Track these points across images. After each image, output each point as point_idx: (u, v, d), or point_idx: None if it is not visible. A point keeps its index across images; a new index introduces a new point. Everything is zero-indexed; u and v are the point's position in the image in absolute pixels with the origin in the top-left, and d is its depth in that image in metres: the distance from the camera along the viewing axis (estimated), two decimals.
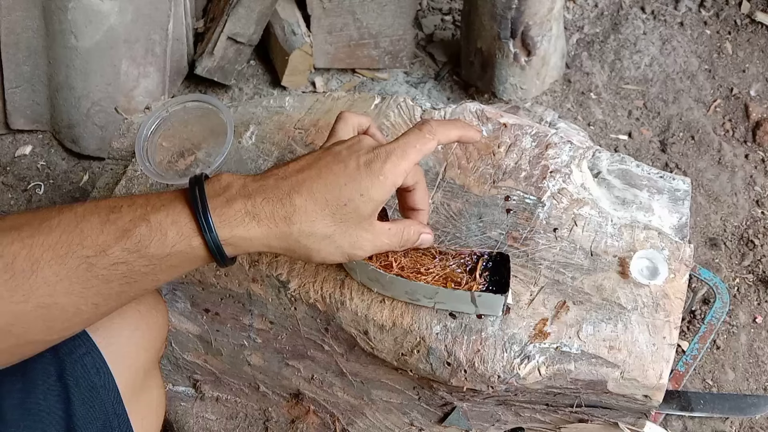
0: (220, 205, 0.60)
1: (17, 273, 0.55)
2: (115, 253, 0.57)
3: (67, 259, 0.56)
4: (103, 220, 0.58)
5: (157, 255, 0.59)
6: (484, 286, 0.75)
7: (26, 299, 0.55)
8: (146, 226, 0.58)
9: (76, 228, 0.57)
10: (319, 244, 0.63)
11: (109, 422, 0.75)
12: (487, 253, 0.77)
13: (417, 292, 0.78)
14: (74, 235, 0.57)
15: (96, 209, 0.59)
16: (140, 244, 0.58)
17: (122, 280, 0.59)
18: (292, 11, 1.58)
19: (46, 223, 0.57)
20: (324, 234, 0.63)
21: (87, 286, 0.57)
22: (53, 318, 0.58)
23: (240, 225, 0.60)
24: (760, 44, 1.62)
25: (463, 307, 0.79)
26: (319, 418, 1.04)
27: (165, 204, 0.60)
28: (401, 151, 0.64)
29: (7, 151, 1.55)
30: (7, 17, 1.39)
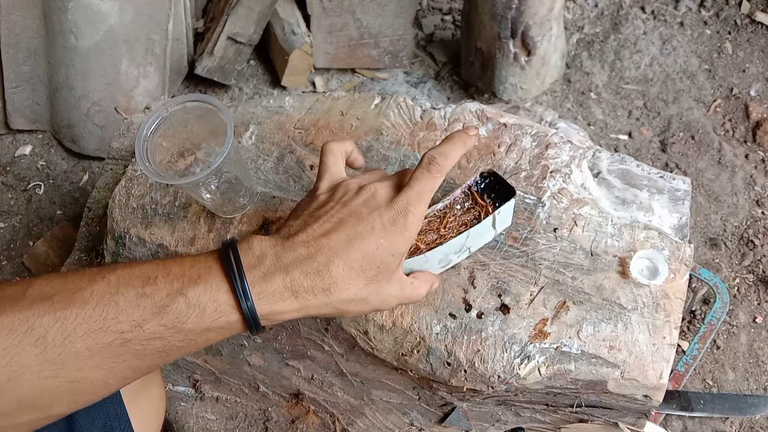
0: (258, 280, 0.59)
1: (49, 347, 0.53)
2: (151, 328, 0.55)
3: (101, 334, 0.54)
4: (139, 293, 0.56)
5: (194, 330, 0.58)
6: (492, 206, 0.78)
7: (56, 374, 0.53)
8: (184, 301, 0.56)
9: (111, 301, 0.55)
10: (356, 306, 0.63)
11: (109, 422, 0.75)
12: (473, 180, 0.79)
13: (449, 254, 0.79)
14: (109, 308, 0.54)
15: (130, 280, 0.56)
16: (177, 320, 0.56)
17: (156, 354, 0.57)
18: (292, 11, 1.58)
19: (78, 294, 0.55)
20: (361, 297, 0.62)
21: (119, 361, 0.55)
22: (80, 392, 0.56)
23: (280, 301, 0.59)
24: (760, 44, 1.62)
25: (486, 237, 0.82)
26: (319, 418, 1.04)
27: (202, 276, 0.58)
28: (416, 198, 0.64)
29: (7, 151, 1.55)
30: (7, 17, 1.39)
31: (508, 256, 0.84)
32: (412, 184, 0.65)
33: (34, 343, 0.52)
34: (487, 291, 0.82)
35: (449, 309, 0.81)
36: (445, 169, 0.67)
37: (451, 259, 0.81)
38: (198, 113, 0.78)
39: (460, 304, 0.82)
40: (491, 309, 0.81)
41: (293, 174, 0.93)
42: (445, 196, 0.81)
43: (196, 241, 0.90)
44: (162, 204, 0.93)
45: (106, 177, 1.04)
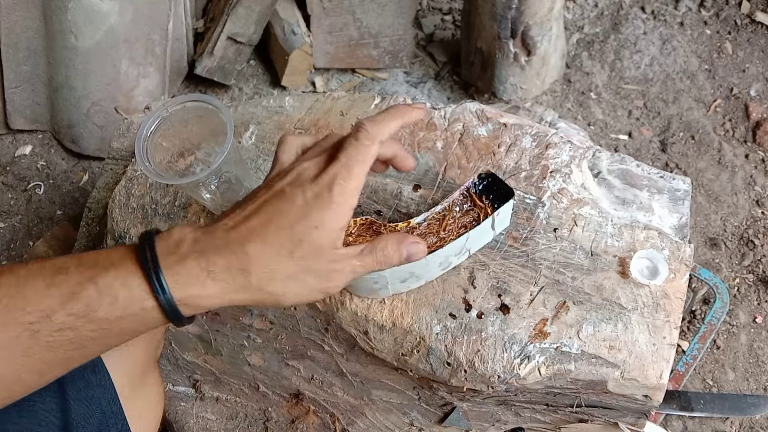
0: (172, 263, 0.56)
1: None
2: (60, 318, 0.53)
3: (8, 327, 0.52)
4: (48, 283, 0.54)
5: (106, 319, 0.55)
6: (491, 207, 0.78)
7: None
8: (94, 289, 0.54)
9: (18, 293, 0.53)
10: (285, 286, 0.59)
11: (105, 421, 0.75)
12: (471, 182, 0.79)
13: (449, 256, 0.79)
14: (16, 300, 0.53)
15: (41, 270, 0.55)
16: (88, 308, 0.54)
17: (69, 346, 0.55)
18: (292, 11, 1.58)
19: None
20: (286, 275, 0.59)
21: (29, 354, 0.54)
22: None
23: (195, 284, 0.57)
24: (760, 44, 1.62)
25: (486, 238, 0.82)
26: (319, 418, 1.04)
27: (114, 263, 0.56)
28: (345, 171, 0.60)
29: (7, 151, 1.55)
30: (7, 17, 1.39)
31: (508, 256, 0.84)
32: (339, 156, 0.61)
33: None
34: (487, 291, 0.82)
35: (449, 309, 0.81)
36: (376, 137, 0.62)
37: (451, 261, 0.81)
38: (198, 113, 0.78)
39: (460, 304, 0.82)
40: (491, 309, 0.81)
41: None
42: (444, 198, 0.81)
43: None
44: (162, 204, 0.93)
45: (106, 177, 1.04)
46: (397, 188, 0.90)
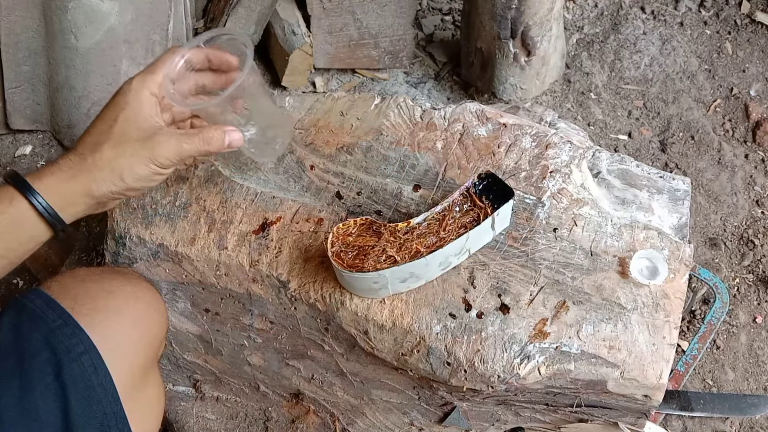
0: (32, 173, 0.71)
1: None
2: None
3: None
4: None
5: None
6: (491, 207, 0.78)
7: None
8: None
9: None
10: (116, 159, 0.71)
11: (106, 421, 0.75)
12: (471, 182, 0.80)
13: (449, 256, 0.79)
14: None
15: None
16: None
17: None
18: (292, 11, 1.58)
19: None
20: (115, 151, 0.71)
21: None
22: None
23: (47, 175, 0.70)
24: (760, 44, 1.62)
25: (486, 238, 0.82)
26: (319, 417, 1.04)
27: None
28: (146, 70, 0.75)
29: (7, 151, 1.55)
30: (7, 17, 1.39)
31: (508, 256, 0.84)
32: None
33: None
34: (487, 291, 0.82)
35: (449, 309, 0.81)
36: (179, 51, 0.76)
37: (451, 261, 0.81)
38: (229, 47, 0.79)
39: (460, 304, 0.82)
40: (491, 309, 0.81)
41: (293, 174, 0.93)
42: (444, 198, 0.81)
43: (197, 241, 0.90)
44: (162, 204, 0.93)
45: None
46: (397, 188, 0.90)
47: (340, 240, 0.78)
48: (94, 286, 0.82)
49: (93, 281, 0.84)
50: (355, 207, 0.90)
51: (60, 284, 0.82)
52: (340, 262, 0.77)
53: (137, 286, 0.88)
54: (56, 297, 0.79)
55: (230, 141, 0.76)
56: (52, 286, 0.81)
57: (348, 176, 0.92)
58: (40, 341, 0.74)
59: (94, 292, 0.81)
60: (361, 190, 0.91)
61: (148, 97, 0.74)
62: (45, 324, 0.76)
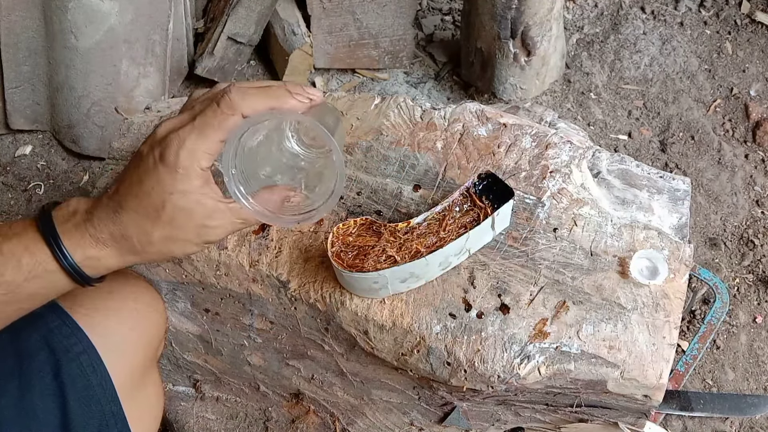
0: (69, 230, 0.61)
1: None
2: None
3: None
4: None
5: (13, 282, 0.59)
6: (491, 207, 0.78)
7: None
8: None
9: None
10: (166, 246, 0.63)
11: (105, 421, 0.75)
12: (471, 182, 0.79)
13: (449, 256, 0.79)
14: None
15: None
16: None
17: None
18: (292, 11, 1.58)
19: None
20: (162, 236, 0.62)
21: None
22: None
23: (90, 247, 0.61)
24: (760, 44, 1.62)
25: (486, 238, 0.82)
26: (319, 417, 1.04)
27: (17, 233, 0.61)
28: (197, 133, 0.59)
29: (7, 151, 1.55)
30: (7, 17, 1.39)
31: (507, 256, 0.84)
32: (196, 118, 0.60)
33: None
34: (487, 291, 0.82)
35: (449, 309, 0.81)
36: (239, 108, 0.60)
37: (451, 261, 0.81)
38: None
39: (460, 304, 0.82)
40: (491, 309, 0.81)
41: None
42: (444, 198, 0.81)
43: None
44: None
45: (106, 177, 1.04)
46: (397, 188, 0.90)
47: (340, 240, 0.78)
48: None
49: None
50: (355, 207, 0.90)
51: None
52: (340, 262, 0.77)
53: (136, 286, 0.88)
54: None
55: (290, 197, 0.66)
56: None
57: (348, 176, 0.92)
58: (38, 341, 0.74)
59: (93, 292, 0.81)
60: (361, 190, 0.91)
61: (199, 175, 0.60)
62: (44, 324, 0.76)
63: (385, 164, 0.92)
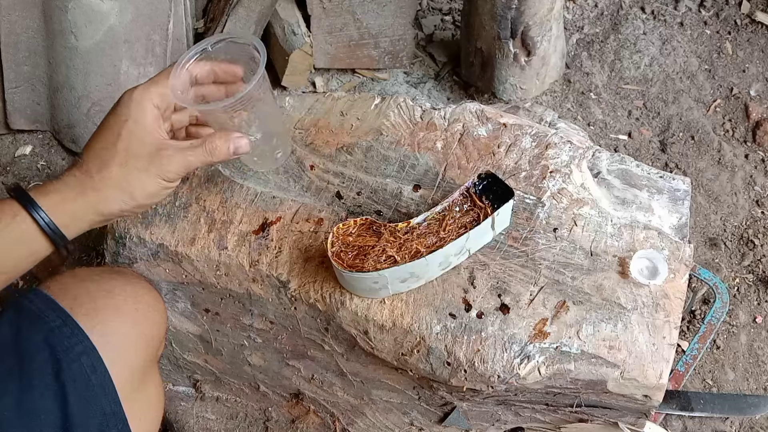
0: (38, 187, 0.70)
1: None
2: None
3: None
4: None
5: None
6: (491, 207, 0.78)
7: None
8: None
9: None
10: (126, 178, 0.71)
11: (106, 421, 0.75)
12: (471, 182, 0.80)
13: (449, 256, 0.79)
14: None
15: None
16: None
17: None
18: (292, 11, 1.58)
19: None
20: (119, 162, 0.70)
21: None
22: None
23: (53, 191, 0.69)
24: (760, 44, 1.62)
25: (486, 238, 0.83)
26: (319, 417, 1.04)
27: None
28: (150, 80, 0.74)
29: (7, 151, 1.55)
30: (7, 17, 1.39)
31: (508, 256, 0.84)
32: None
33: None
34: (487, 291, 0.82)
35: (449, 309, 0.81)
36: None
37: (451, 261, 0.81)
38: (237, 52, 0.78)
39: (460, 304, 0.82)
40: (491, 309, 0.81)
41: (293, 174, 0.93)
42: (444, 198, 0.81)
43: (197, 241, 0.90)
44: (162, 204, 0.93)
45: None
46: (397, 188, 0.90)
47: (340, 240, 0.78)
48: (93, 286, 0.82)
49: (92, 281, 0.84)
50: (355, 207, 0.90)
51: (59, 284, 0.82)
52: (340, 262, 0.77)
53: (137, 286, 0.88)
54: (56, 297, 0.79)
55: (236, 148, 0.75)
56: (51, 286, 0.81)
57: (348, 176, 0.92)
58: (39, 341, 0.74)
59: (93, 292, 0.81)
60: (361, 190, 0.91)
61: (151, 108, 0.72)
62: (44, 324, 0.76)
63: (385, 164, 0.92)
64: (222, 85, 0.79)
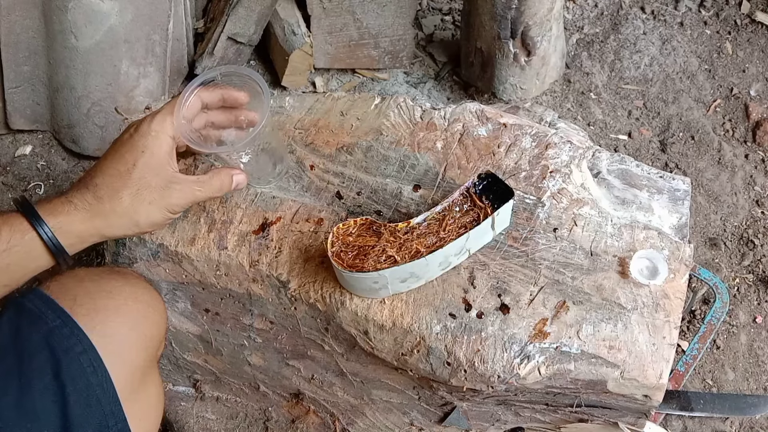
0: (44, 203, 0.72)
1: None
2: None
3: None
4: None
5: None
6: (491, 207, 0.78)
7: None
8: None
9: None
10: (134, 206, 0.73)
11: (105, 421, 0.75)
12: (471, 182, 0.80)
13: (449, 256, 0.79)
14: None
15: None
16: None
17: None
18: (292, 11, 1.58)
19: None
20: (130, 192, 0.73)
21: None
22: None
23: (62, 213, 0.71)
24: (760, 44, 1.62)
25: (486, 238, 0.83)
26: (319, 418, 1.04)
27: (1, 213, 0.71)
28: (166, 109, 0.75)
29: (7, 151, 1.55)
30: (7, 17, 1.39)
31: (507, 256, 0.84)
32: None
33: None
34: (487, 291, 0.82)
35: (449, 309, 0.81)
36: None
37: (451, 261, 0.81)
38: (238, 83, 0.82)
39: (460, 304, 0.82)
40: (491, 309, 0.81)
41: (293, 174, 0.93)
42: (444, 198, 0.81)
43: (197, 241, 0.90)
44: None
45: None
46: (397, 188, 0.90)
47: (340, 240, 0.78)
48: (93, 286, 0.82)
49: (92, 281, 0.84)
50: (355, 207, 0.90)
51: (59, 284, 0.82)
52: (340, 262, 0.77)
53: (136, 286, 0.88)
54: (55, 297, 0.79)
55: (237, 183, 0.81)
56: (51, 286, 0.81)
57: (348, 176, 0.92)
58: (39, 341, 0.74)
59: (93, 292, 0.81)
60: (361, 190, 0.91)
61: (166, 140, 0.75)
62: (44, 324, 0.76)
63: (385, 164, 0.92)
64: (228, 110, 0.83)
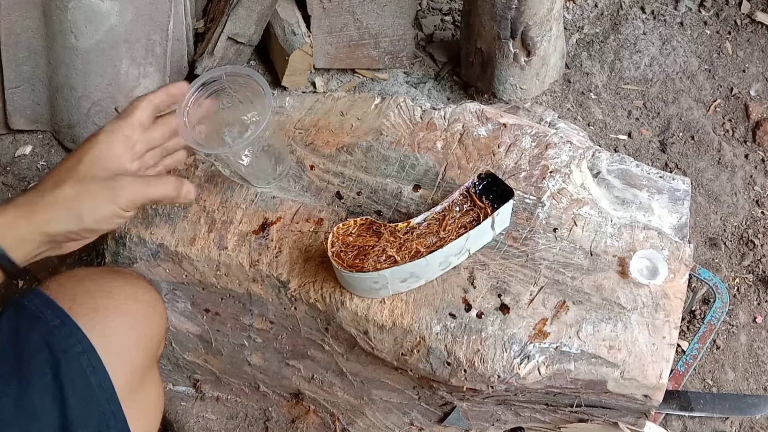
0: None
1: None
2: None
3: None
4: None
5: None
6: (491, 207, 0.78)
7: None
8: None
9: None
10: (79, 200, 0.69)
11: (105, 422, 0.75)
12: (471, 182, 0.80)
13: (449, 256, 0.79)
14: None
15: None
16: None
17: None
18: (292, 11, 1.58)
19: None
20: (76, 189, 0.69)
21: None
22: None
23: (2, 214, 0.67)
24: (760, 44, 1.62)
25: (486, 238, 0.83)
26: (319, 417, 1.04)
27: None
28: (121, 114, 0.75)
29: (7, 151, 1.55)
30: (7, 17, 1.39)
31: (507, 256, 0.84)
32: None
33: None
34: (487, 291, 0.82)
35: (449, 309, 0.81)
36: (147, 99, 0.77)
37: (451, 261, 0.81)
38: (239, 84, 0.80)
39: (460, 304, 0.82)
40: (491, 309, 0.81)
41: (293, 174, 0.93)
42: (444, 198, 0.81)
43: (196, 241, 0.90)
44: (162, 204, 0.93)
45: None
46: (397, 188, 0.90)
47: (340, 240, 0.78)
48: (92, 286, 0.82)
49: (92, 281, 0.84)
50: (355, 207, 0.90)
51: (59, 284, 0.82)
52: (340, 262, 0.77)
53: (136, 286, 0.88)
54: (55, 297, 0.79)
55: (185, 193, 0.76)
56: (50, 286, 0.81)
57: (348, 176, 0.92)
58: (38, 341, 0.74)
59: (92, 292, 0.81)
60: (361, 190, 0.91)
61: (120, 137, 0.73)
62: (43, 324, 0.76)
63: (385, 164, 0.92)
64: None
